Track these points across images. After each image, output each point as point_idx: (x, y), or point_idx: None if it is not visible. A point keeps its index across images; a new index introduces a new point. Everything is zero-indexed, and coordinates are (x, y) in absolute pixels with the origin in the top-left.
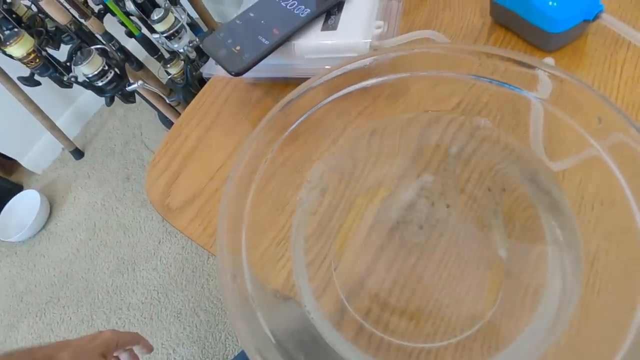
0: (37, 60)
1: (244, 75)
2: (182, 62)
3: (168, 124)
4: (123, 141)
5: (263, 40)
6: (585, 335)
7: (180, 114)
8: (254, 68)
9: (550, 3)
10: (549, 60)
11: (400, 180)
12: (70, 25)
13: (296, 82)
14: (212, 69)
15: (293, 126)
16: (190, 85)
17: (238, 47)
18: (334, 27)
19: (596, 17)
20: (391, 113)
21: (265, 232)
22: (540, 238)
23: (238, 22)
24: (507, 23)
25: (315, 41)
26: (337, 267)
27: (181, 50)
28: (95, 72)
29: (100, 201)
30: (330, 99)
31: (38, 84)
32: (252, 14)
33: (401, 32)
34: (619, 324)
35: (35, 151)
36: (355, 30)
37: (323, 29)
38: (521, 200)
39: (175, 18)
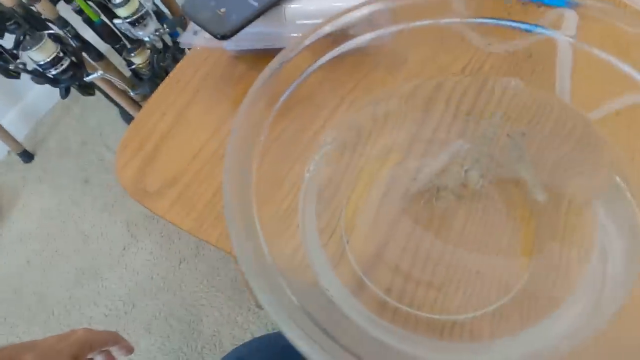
0: None
1: (227, 47)
2: (148, 51)
3: (131, 121)
4: (80, 141)
5: (251, 1)
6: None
7: None
8: (238, 36)
9: None
10: None
11: (411, 146)
12: (16, 8)
13: None
14: (190, 38)
15: (285, 95)
16: (157, 76)
17: (223, 9)
18: None
19: None
20: (392, 82)
21: (273, 201)
22: (580, 190)
23: None
24: None
25: (309, 3)
26: (349, 239)
27: (147, 39)
28: (48, 60)
29: (55, 207)
30: (326, 58)
31: None
32: None
33: None
34: None
35: None
36: None
37: None
38: (553, 145)
39: (140, 3)
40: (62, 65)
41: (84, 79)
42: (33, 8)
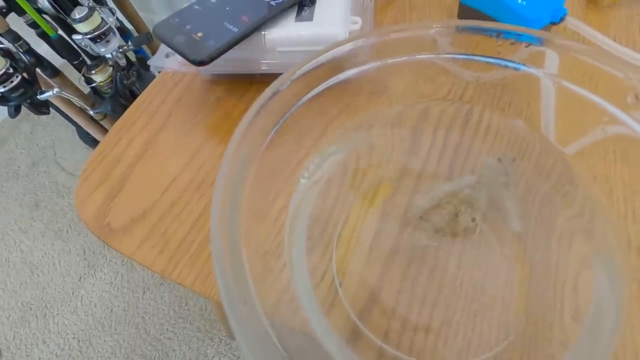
0: None
1: (202, 71)
2: (111, 68)
3: (89, 141)
4: (30, 162)
5: (230, 27)
6: None
7: (105, 128)
8: (215, 62)
9: (520, 1)
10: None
11: (401, 179)
12: None
13: (262, 79)
14: (161, 61)
15: (272, 131)
16: (120, 95)
17: (200, 34)
18: (309, 19)
19: (561, 20)
20: (375, 108)
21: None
22: (555, 224)
23: (197, 7)
24: None
25: (290, 32)
26: (342, 282)
27: (109, 56)
28: None
29: None
30: (314, 92)
31: None
32: (213, 0)
33: None
34: None
35: None
36: (333, 22)
37: (297, 21)
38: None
39: (102, 19)
40: (12, 82)
41: (37, 97)
42: None
